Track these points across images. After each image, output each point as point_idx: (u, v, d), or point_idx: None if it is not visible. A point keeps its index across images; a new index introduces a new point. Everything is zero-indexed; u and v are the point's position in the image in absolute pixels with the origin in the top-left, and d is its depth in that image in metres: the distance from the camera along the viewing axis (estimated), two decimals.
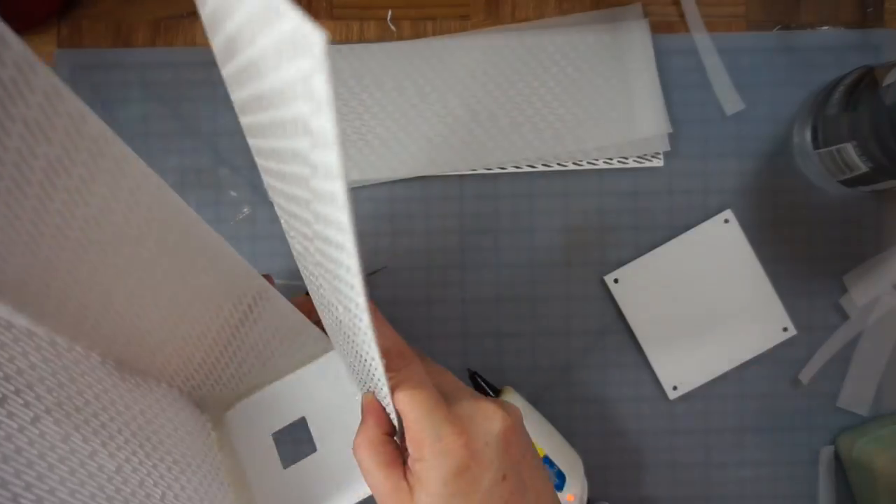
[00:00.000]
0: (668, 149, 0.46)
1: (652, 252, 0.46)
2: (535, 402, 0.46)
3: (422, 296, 0.46)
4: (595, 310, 0.47)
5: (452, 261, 0.47)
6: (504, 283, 0.47)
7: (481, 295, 0.47)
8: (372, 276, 0.46)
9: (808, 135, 0.45)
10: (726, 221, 0.46)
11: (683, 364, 0.46)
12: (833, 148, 0.42)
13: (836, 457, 0.46)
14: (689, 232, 0.46)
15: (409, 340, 0.47)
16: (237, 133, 0.46)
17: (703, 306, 0.46)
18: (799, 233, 0.47)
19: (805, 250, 0.47)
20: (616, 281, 0.46)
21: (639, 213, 0.47)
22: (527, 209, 0.47)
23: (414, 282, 0.47)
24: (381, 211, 0.47)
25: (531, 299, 0.47)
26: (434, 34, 0.47)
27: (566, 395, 0.47)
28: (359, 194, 0.47)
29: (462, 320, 0.46)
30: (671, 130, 0.46)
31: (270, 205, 0.47)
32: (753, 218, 0.46)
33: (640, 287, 0.46)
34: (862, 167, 0.41)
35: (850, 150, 0.41)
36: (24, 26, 0.46)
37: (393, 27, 0.47)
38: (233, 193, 0.47)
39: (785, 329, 0.46)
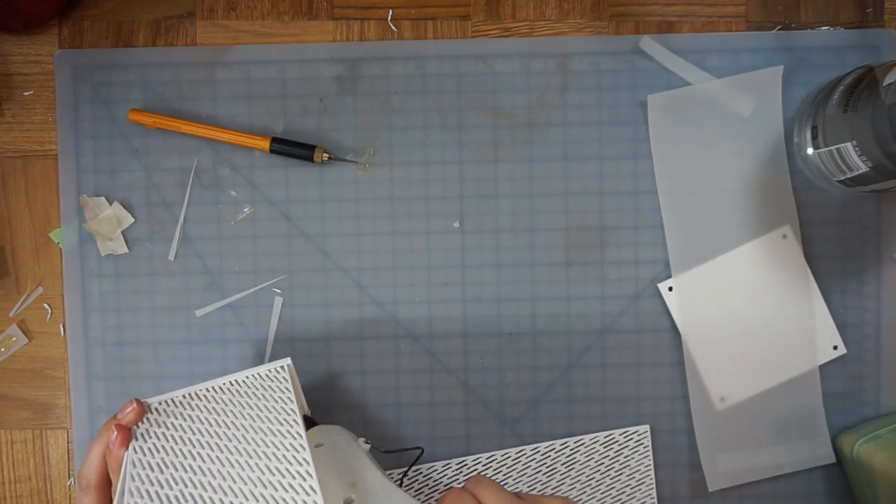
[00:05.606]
0: None
1: (707, 262, 0.46)
2: (537, 401, 0.46)
3: (423, 296, 0.46)
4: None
5: (453, 261, 0.47)
6: (504, 282, 0.47)
7: (482, 295, 0.47)
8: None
9: (808, 135, 0.45)
10: (784, 237, 0.46)
11: (731, 376, 0.46)
12: (833, 148, 0.42)
13: (837, 457, 0.46)
14: (745, 245, 0.46)
15: (410, 340, 0.47)
16: None
17: (755, 320, 0.46)
18: (798, 233, 0.46)
19: (804, 250, 0.46)
20: (670, 289, 0.46)
21: (638, 213, 0.47)
22: (527, 209, 0.47)
23: (415, 282, 0.47)
24: (381, 211, 0.47)
25: (531, 299, 0.47)
26: (435, 35, 0.47)
27: (567, 394, 0.47)
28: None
29: (462, 320, 0.47)
30: None
31: (270, 204, 0.47)
32: (753, 218, 0.46)
33: (695, 296, 0.46)
34: (862, 167, 0.41)
35: (850, 150, 0.41)
36: (25, 26, 0.46)
37: (393, 27, 0.47)
38: (233, 193, 0.47)
39: (835, 347, 0.46)
